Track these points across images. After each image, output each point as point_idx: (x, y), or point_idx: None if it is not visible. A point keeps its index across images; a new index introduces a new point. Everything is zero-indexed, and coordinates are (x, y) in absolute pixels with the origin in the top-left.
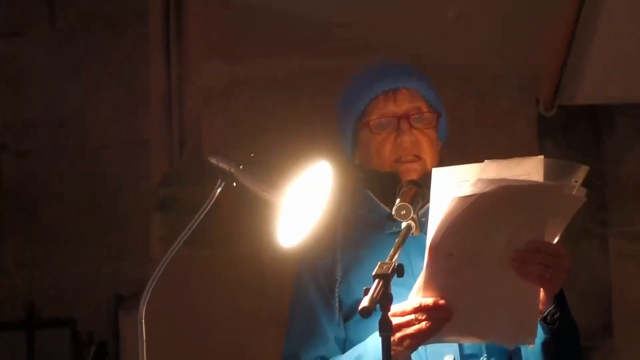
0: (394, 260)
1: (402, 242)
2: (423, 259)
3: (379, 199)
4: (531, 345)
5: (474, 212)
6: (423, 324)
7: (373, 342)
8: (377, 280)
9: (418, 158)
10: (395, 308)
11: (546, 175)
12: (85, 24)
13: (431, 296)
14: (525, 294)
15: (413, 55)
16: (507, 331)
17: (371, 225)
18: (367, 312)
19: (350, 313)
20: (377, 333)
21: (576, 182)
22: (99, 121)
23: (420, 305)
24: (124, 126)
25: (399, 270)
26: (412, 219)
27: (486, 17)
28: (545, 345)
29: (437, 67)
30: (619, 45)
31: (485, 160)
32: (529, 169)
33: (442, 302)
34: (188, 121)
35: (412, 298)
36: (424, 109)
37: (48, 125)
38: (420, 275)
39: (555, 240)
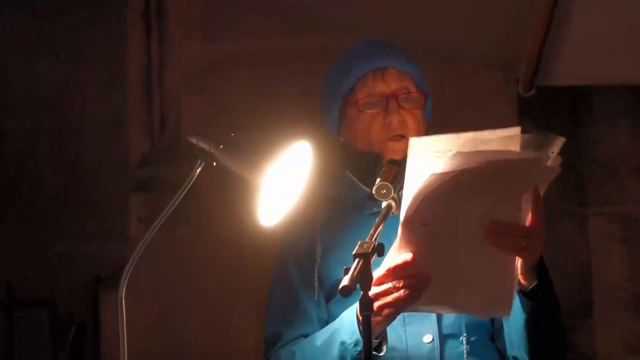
0: (374, 239)
1: (383, 221)
2: None
3: (360, 179)
4: (506, 317)
5: (451, 185)
6: (401, 292)
7: (348, 316)
8: (357, 260)
9: (405, 137)
10: None
11: (522, 147)
12: (64, 3)
13: None
14: (501, 266)
15: (394, 34)
16: (483, 302)
17: (352, 206)
18: (347, 291)
19: (331, 293)
20: (352, 307)
21: (552, 152)
22: (78, 101)
23: (390, 268)
24: (104, 106)
25: (379, 249)
26: (393, 198)
27: None
28: (527, 322)
29: (417, 46)
30: (598, 26)
31: (461, 133)
32: (505, 141)
33: (409, 257)
34: (168, 101)
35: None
36: (412, 89)
37: (27, 105)
38: (395, 243)
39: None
